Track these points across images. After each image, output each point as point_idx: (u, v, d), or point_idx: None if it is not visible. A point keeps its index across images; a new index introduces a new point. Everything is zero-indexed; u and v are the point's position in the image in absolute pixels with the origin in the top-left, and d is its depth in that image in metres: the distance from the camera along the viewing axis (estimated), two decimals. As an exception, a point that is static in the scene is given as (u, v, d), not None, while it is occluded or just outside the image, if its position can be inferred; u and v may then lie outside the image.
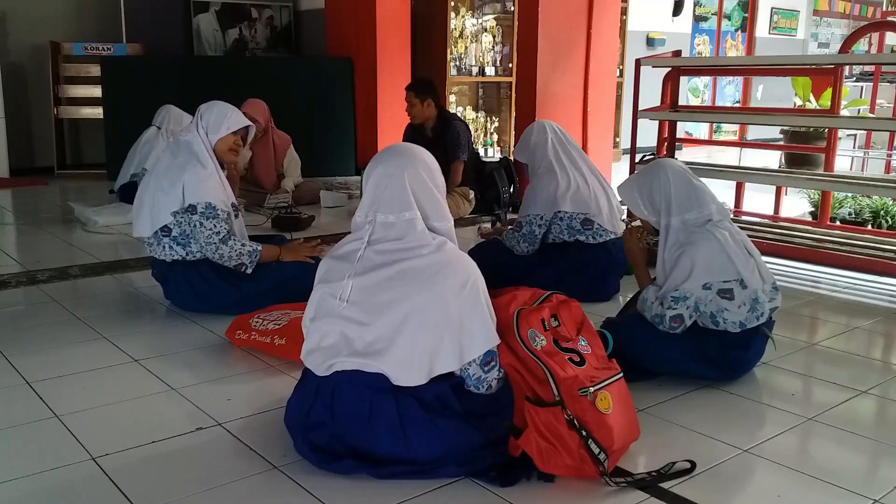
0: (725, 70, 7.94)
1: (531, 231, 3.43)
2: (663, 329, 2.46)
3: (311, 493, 1.83)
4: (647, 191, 2.55)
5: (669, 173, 2.52)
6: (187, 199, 3.06)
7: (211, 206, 3.07)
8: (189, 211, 3.07)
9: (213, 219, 3.07)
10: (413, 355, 1.83)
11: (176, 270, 3.17)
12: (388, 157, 1.97)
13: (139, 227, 3.19)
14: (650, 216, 2.58)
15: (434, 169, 1.99)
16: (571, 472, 1.85)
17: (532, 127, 3.56)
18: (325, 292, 1.91)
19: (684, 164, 2.61)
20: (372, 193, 1.94)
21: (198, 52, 7.81)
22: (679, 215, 2.49)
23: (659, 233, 2.57)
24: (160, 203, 3.10)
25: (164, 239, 3.13)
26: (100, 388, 2.46)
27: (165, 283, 3.26)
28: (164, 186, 3.10)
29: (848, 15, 12.96)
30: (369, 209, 1.93)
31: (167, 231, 3.11)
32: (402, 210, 1.90)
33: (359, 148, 7.52)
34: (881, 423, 2.38)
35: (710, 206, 2.49)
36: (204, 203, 3.07)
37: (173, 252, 3.14)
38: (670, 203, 2.50)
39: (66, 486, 1.87)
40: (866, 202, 5.08)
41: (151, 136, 5.19)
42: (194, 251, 3.13)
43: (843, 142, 6.93)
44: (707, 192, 2.53)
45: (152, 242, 3.16)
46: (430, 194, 1.94)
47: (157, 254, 3.17)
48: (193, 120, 3.21)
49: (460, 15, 8.25)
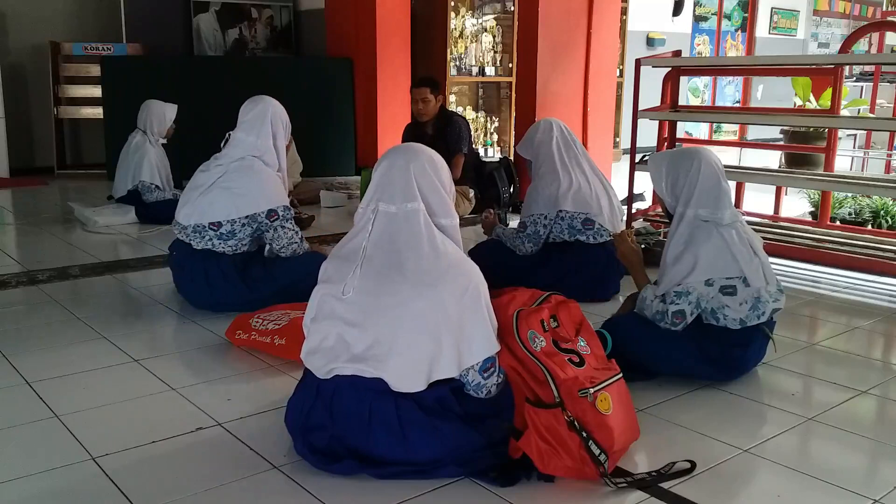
0: (725, 70, 7.93)
1: (536, 231, 3.43)
2: (665, 326, 2.46)
3: (311, 493, 1.83)
4: (675, 173, 2.55)
5: (703, 165, 2.51)
6: (264, 203, 3.08)
7: (287, 207, 3.14)
8: (270, 217, 3.09)
9: (291, 219, 3.14)
10: (411, 361, 1.82)
11: (197, 259, 3.14)
12: (395, 152, 1.98)
13: (185, 215, 3.14)
14: (666, 197, 2.59)
15: (441, 166, 1.98)
16: (572, 473, 1.85)
17: (538, 124, 3.56)
18: (326, 293, 1.90)
19: (720, 161, 2.59)
20: (376, 183, 1.94)
21: (198, 52, 7.80)
22: (695, 208, 2.49)
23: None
24: (222, 202, 3.07)
25: (208, 231, 3.10)
26: (100, 388, 2.46)
27: (181, 269, 3.25)
28: (234, 187, 3.08)
29: (848, 15, 12.96)
30: (372, 198, 1.93)
31: (217, 226, 3.09)
32: (405, 200, 1.89)
33: (359, 148, 7.52)
34: (881, 423, 2.38)
35: (725, 210, 2.49)
36: (283, 206, 3.12)
37: (210, 243, 3.12)
38: (692, 194, 2.50)
39: (66, 486, 1.87)
40: (866, 202, 5.08)
41: (140, 143, 5.01)
42: (228, 247, 3.12)
43: (843, 142, 6.93)
44: (728, 197, 2.53)
45: (188, 228, 3.13)
46: (434, 187, 1.93)
47: (190, 239, 3.14)
48: (247, 129, 3.18)
49: (460, 15, 8.25)
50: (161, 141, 5.10)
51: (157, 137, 5.05)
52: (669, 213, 2.62)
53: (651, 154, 2.77)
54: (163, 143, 5.12)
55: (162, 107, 5.07)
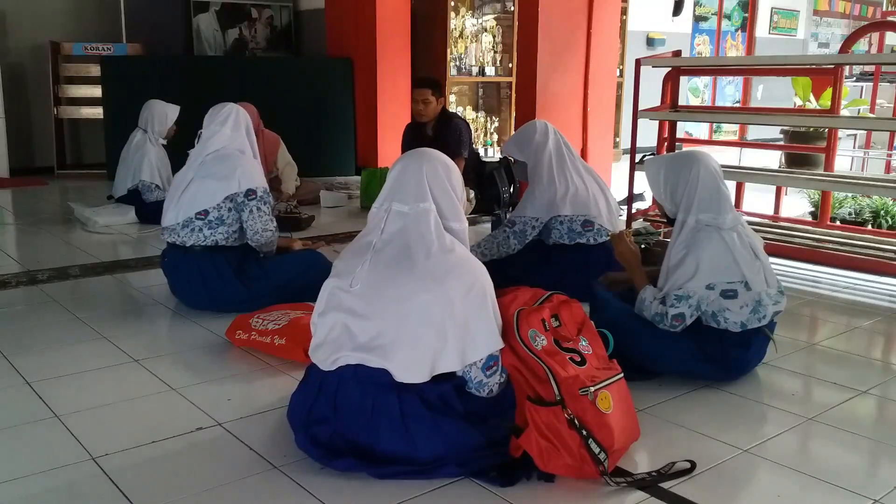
0: (725, 70, 7.93)
1: (523, 230, 3.46)
2: (663, 327, 2.46)
3: (311, 493, 1.83)
4: (673, 180, 2.54)
5: (702, 171, 2.50)
6: (245, 183, 3.09)
7: (267, 191, 3.16)
8: (248, 196, 3.10)
9: (267, 204, 3.15)
10: (416, 352, 1.84)
11: (190, 260, 3.14)
12: (410, 155, 2.05)
13: (171, 216, 3.15)
14: (665, 203, 2.59)
15: (453, 171, 2.04)
16: (572, 471, 1.85)
17: (534, 126, 3.55)
18: (335, 286, 1.93)
19: (718, 165, 2.58)
20: (390, 184, 2.00)
21: (198, 52, 7.80)
22: (696, 214, 2.49)
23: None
24: (204, 189, 3.09)
25: (196, 222, 3.10)
26: (100, 388, 2.46)
27: (176, 272, 3.24)
28: (213, 173, 3.10)
29: (848, 15, 12.96)
30: (385, 199, 1.99)
31: (204, 214, 3.09)
32: (417, 200, 1.94)
33: (359, 148, 7.52)
34: (881, 423, 2.38)
35: (726, 214, 2.48)
36: (262, 188, 3.14)
37: (200, 235, 3.11)
38: (692, 201, 2.49)
39: (66, 486, 1.87)
40: (866, 202, 5.08)
41: (140, 142, 5.02)
42: (219, 234, 3.11)
43: (843, 142, 6.93)
44: (728, 200, 2.52)
45: (176, 227, 3.13)
46: (445, 191, 1.98)
47: (181, 237, 3.13)
48: (229, 123, 3.22)
49: (460, 15, 8.25)
50: (161, 141, 5.10)
51: (157, 137, 5.06)
52: (669, 217, 2.62)
53: (647, 157, 2.75)
54: (163, 145, 5.12)
55: (164, 107, 5.07)
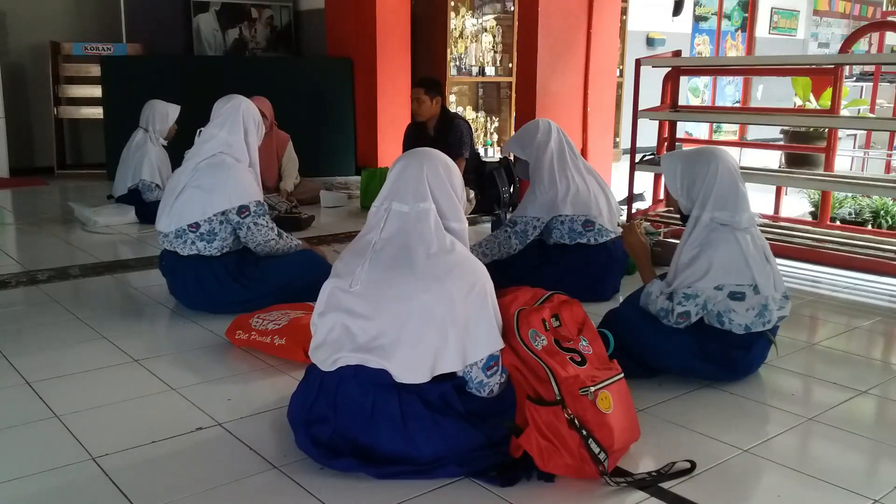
0: (725, 70, 7.92)
1: (525, 230, 3.45)
2: (667, 323, 2.46)
3: (311, 493, 1.83)
4: (690, 176, 2.50)
5: (720, 168, 2.47)
6: (236, 199, 3.05)
7: (261, 202, 3.11)
8: (241, 213, 3.06)
9: (264, 215, 3.11)
10: (416, 352, 1.84)
11: (187, 264, 3.13)
12: (410, 155, 2.04)
13: (164, 223, 3.13)
14: (681, 198, 2.55)
15: (453, 172, 2.03)
16: (572, 471, 1.85)
17: (537, 125, 3.54)
18: (336, 286, 1.93)
19: (736, 163, 2.56)
20: (390, 184, 1.99)
21: (198, 52, 7.80)
22: (711, 211, 2.46)
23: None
24: (195, 201, 3.05)
25: (189, 234, 3.09)
26: (100, 388, 2.46)
27: (173, 275, 3.24)
28: (204, 185, 3.06)
29: (848, 15, 12.96)
30: (385, 198, 1.98)
31: (195, 227, 3.07)
32: (417, 200, 1.94)
33: (359, 148, 7.52)
34: (881, 423, 2.38)
35: (743, 213, 2.45)
36: (254, 201, 3.09)
37: (194, 247, 3.10)
38: (708, 197, 2.46)
39: (66, 486, 1.87)
40: (866, 202, 5.08)
41: (141, 141, 5.02)
42: (214, 248, 3.10)
43: (843, 142, 6.93)
44: (746, 199, 2.49)
45: (169, 235, 3.12)
46: (445, 191, 1.97)
47: (175, 247, 3.13)
48: (219, 123, 3.18)
49: (460, 15, 8.25)
50: (162, 141, 5.10)
51: (158, 136, 5.06)
52: (683, 214, 2.59)
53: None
54: (164, 145, 5.12)
55: (165, 106, 5.08)
